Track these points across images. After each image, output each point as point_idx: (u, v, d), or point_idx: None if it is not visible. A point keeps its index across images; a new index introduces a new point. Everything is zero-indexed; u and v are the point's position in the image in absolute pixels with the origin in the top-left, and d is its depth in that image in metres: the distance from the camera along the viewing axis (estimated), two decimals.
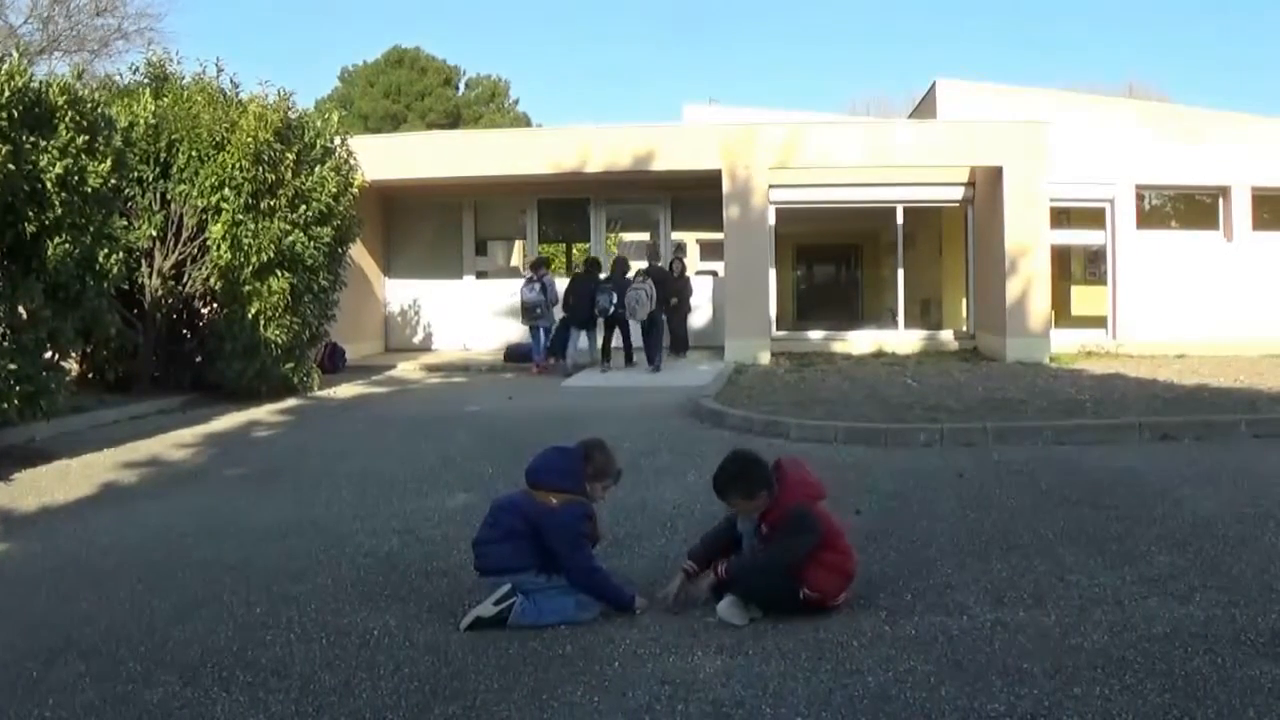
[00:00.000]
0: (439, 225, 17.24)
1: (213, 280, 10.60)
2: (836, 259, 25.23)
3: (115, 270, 8.16)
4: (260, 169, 10.41)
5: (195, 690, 3.29)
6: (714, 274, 16.67)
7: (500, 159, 15.06)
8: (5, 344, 7.21)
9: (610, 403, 9.98)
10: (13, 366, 7.07)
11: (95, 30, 23.35)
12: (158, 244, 10.55)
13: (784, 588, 3.85)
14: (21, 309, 7.34)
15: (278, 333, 10.65)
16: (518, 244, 19.57)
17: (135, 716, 3.12)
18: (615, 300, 12.75)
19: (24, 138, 7.12)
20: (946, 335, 15.85)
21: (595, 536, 4.11)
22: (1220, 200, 15.30)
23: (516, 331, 16.30)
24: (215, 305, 10.91)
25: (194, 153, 10.52)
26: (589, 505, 4.02)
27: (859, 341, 15.41)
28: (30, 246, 7.37)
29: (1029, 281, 13.78)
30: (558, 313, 13.65)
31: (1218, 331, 14.20)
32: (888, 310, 17.54)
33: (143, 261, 10.43)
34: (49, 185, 7.32)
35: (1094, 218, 15.42)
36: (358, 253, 14.30)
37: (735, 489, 4.03)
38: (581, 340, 13.40)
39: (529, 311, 13.77)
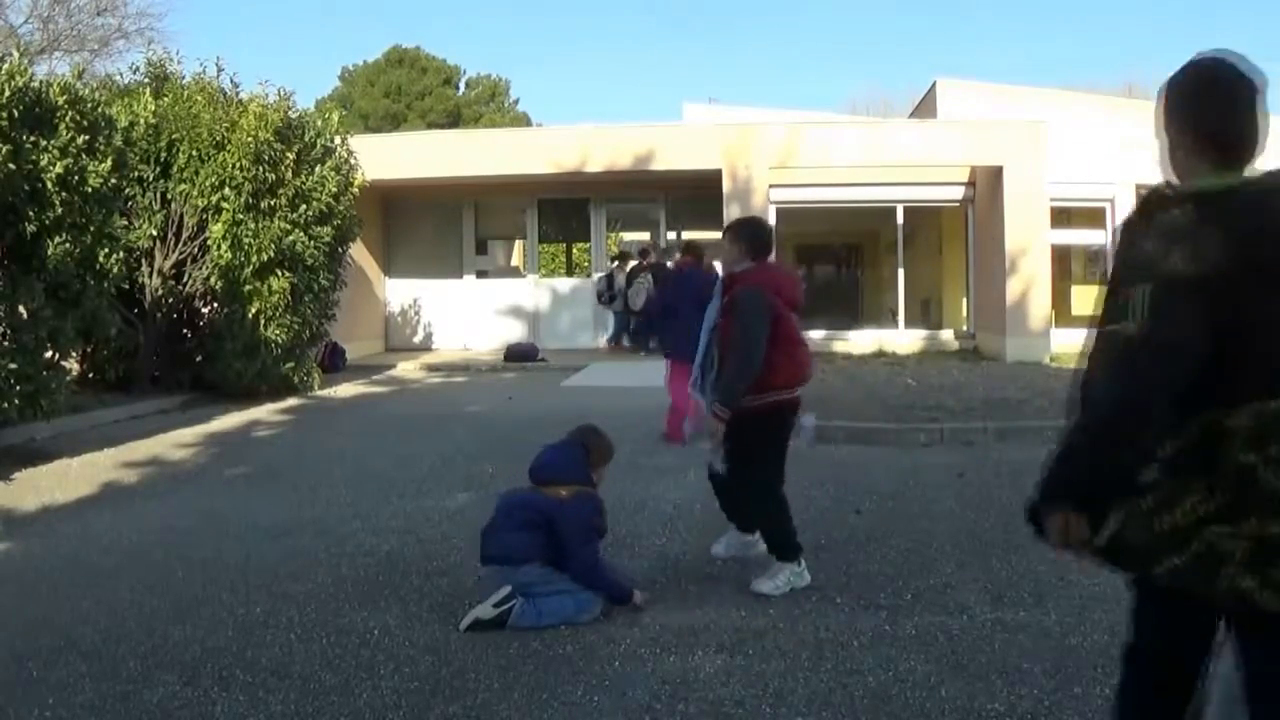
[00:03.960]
0: (439, 225, 17.24)
1: (213, 280, 10.60)
2: (836, 259, 25.19)
3: (115, 270, 8.16)
4: (260, 168, 10.41)
5: (195, 690, 3.29)
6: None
7: (500, 159, 15.06)
8: (5, 344, 7.20)
9: (610, 402, 9.97)
10: (13, 366, 7.07)
11: (95, 30, 23.32)
12: (158, 244, 10.54)
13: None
14: (22, 309, 7.34)
15: (278, 332, 10.65)
16: (518, 244, 19.57)
17: (135, 716, 3.12)
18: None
19: (24, 137, 7.12)
20: (946, 335, 15.84)
21: (603, 530, 4.10)
22: None
23: (517, 331, 16.32)
24: (215, 305, 10.90)
25: (194, 152, 10.52)
26: (599, 498, 4.05)
27: (859, 341, 15.41)
28: (30, 246, 7.37)
29: (1029, 281, 13.77)
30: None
31: None
32: (888, 310, 17.53)
33: (143, 261, 10.42)
34: (49, 185, 7.32)
35: (1094, 218, 15.41)
36: (358, 252, 14.30)
37: (733, 228, 4.56)
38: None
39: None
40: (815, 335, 15.83)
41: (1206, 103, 1.95)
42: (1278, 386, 1.77)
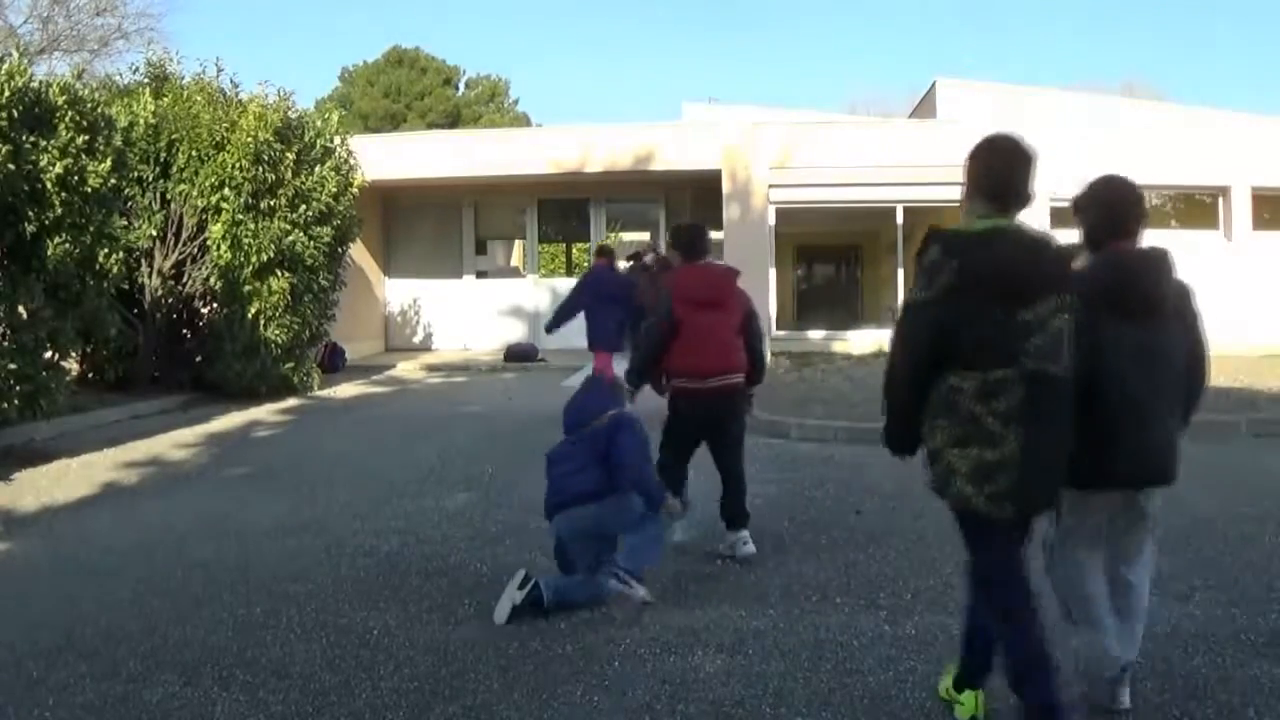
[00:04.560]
0: (439, 225, 17.24)
1: (213, 280, 10.61)
2: (836, 259, 25.19)
3: (115, 270, 8.16)
4: (260, 169, 10.41)
5: (195, 690, 3.30)
6: None
7: (500, 159, 15.06)
8: (5, 344, 7.20)
9: None
10: (13, 366, 7.07)
11: (95, 30, 23.32)
12: (158, 244, 10.55)
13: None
14: (21, 309, 7.34)
15: (278, 332, 10.66)
16: (518, 244, 19.58)
17: (135, 716, 3.12)
18: None
19: (24, 138, 7.12)
20: None
21: (645, 435, 4.28)
22: (1220, 200, 15.29)
23: (517, 331, 16.32)
24: (215, 305, 10.91)
25: (194, 152, 10.52)
26: (635, 415, 4.30)
27: (859, 341, 15.40)
28: (30, 246, 7.37)
29: None
30: None
31: (1217, 331, 14.02)
32: (888, 310, 17.51)
33: (143, 261, 10.43)
34: (49, 185, 7.32)
35: None
36: (358, 252, 14.30)
37: (671, 233, 5.36)
38: None
39: None
40: (815, 335, 15.86)
41: (983, 165, 2.81)
42: (992, 361, 2.61)
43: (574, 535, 4.05)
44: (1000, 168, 2.80)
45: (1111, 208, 3.04)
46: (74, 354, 8.87)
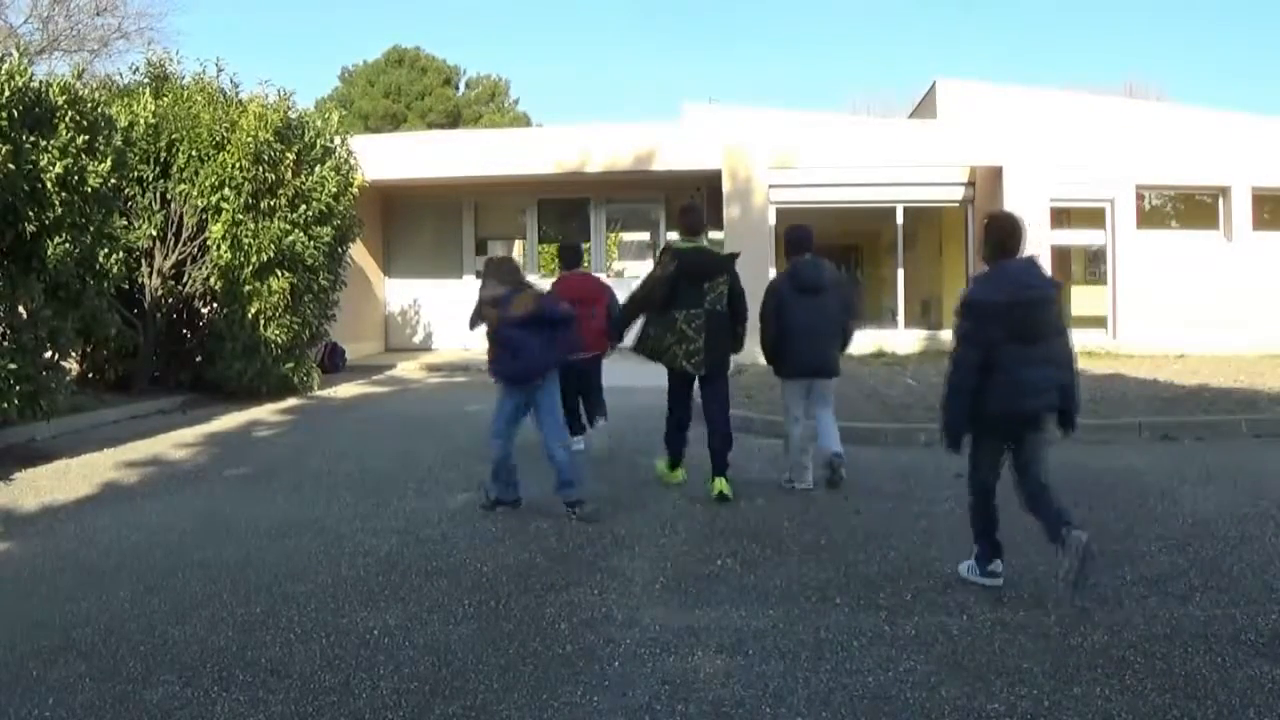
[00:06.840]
0: (439, 225, 17.23)
1: (213, 280, 10.60)
2: (837, 259, 25.12)
3: (115, 270, 8.16)
4: (260, 169, 10.41)
5: (195, 690, 3.29)
6: None
7: (500, 159, 15.06)
8: (5, 344, 7.20)
9: (610, 402, 9.97)
10: (13, 366, 7.07)
11: (95, 30, 23.32)
12: (158, 244, 10.54)
13: None
14: (21, 308, 7.34)
15: (278, 332, 10.65)
16: (518, 244, 19.58)
17: (135, 716, 3.12)
18: None
19: (24, 137, 7.11)
20: (947, 335, 15.78)
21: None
22: (1220, 200, 15.28)
23: None
24: (215, 305, 10.90)
25: (194, 152, 10.51)
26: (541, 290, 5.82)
27: (859, 341, 15.27)
28: (30, 246, 7.37)
29: None
30: None
31: (1218, 332, 14.17)
32: (888, 310, 17.52)
33: (143, 261, 10.42)
34: (49, 185, 7.32)
35: (1094, 218, 15.39)
36: (358, 253, 14.29)
37: (557, 250, 8.12)
38: None
39: None
40: None
41: (682, 216, 6.23)
42: (692, 305, 5.77)
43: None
44: (687, 217, 6.08)
45: (796, 241, 6.21)
46: (74, 354, 8.86)
